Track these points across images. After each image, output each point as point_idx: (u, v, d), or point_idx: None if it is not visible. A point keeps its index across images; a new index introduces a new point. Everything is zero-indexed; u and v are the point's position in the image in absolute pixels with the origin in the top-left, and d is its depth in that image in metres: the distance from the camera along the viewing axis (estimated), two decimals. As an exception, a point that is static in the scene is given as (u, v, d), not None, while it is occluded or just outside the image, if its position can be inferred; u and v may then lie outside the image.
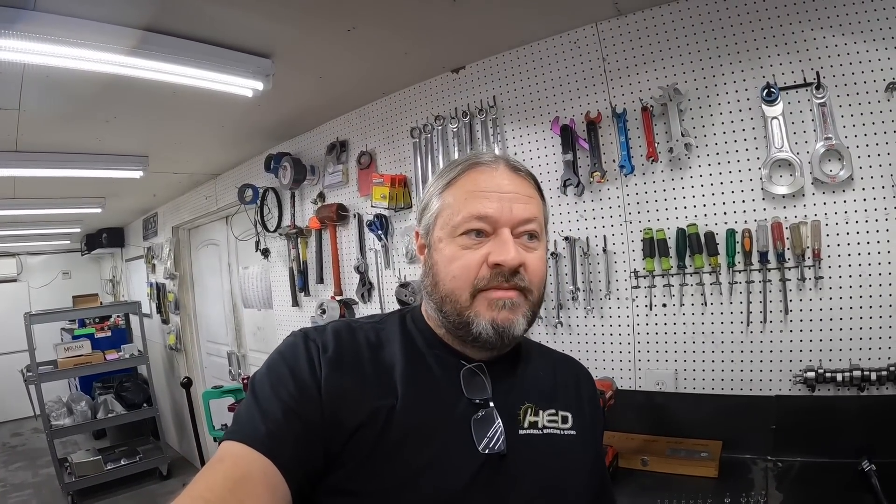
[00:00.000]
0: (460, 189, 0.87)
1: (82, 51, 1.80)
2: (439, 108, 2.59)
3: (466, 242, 0.84)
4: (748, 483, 1.61)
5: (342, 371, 0.81)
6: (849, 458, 1.59)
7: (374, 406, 0.79)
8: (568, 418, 0.92)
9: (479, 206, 0.84)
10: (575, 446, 0.91)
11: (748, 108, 1.81)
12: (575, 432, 0.91)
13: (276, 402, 0.76)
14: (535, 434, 0.87)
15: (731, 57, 1.84)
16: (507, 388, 0.88)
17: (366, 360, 0.85)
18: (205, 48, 2.00)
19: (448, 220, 0.86)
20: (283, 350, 0.85)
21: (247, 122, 3.10)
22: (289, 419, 0.74)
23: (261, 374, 0.82)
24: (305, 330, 0.88)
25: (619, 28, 2.04)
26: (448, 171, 0.91)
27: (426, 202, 0.92)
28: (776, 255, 1.76)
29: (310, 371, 0.80)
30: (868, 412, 1.62)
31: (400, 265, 2.84)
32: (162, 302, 5.51)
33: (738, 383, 1.86)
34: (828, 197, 1.70)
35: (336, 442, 0.75)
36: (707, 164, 1.90)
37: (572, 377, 1.01)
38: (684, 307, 1.95)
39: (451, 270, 0.85)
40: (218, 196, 4.36)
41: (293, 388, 0.77)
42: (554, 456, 0.87)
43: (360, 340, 0.87)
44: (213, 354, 5.05)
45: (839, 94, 1.67)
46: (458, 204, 0.86)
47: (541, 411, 0.89)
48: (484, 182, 0.86)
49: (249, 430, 0.73)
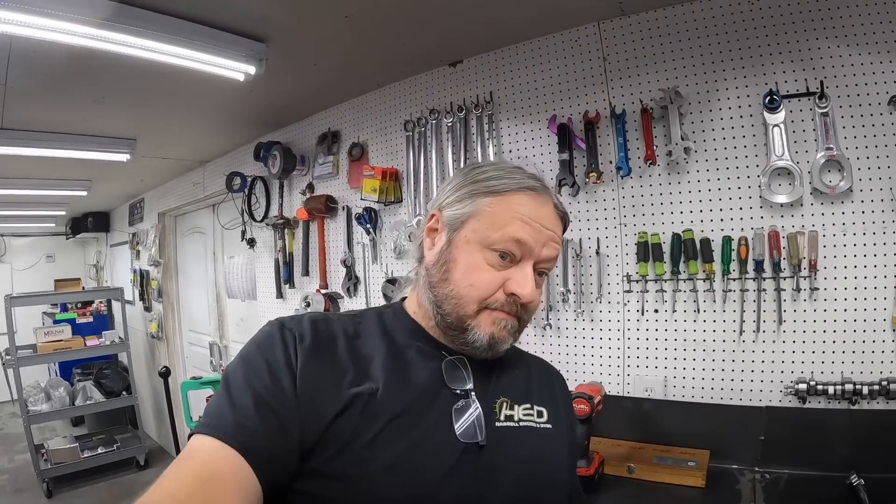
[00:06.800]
0: (509, 205, 0.86)
1: (64, 24, 1.74)
2: (434, 102, 2.55)
3: (494, 261, 0.85)
4: (735, 494, 1.59)
5: (319, 360, 0.80)
6: (838, 471, 1.58)
7: (354, 392, 0.77)
8: (543, 413, 0.92)
9: (522, 233, 0.84)
10: (552, 440, 0.91)
11: (749, 115, 1.79)
12: (551, 426, 0.92)
13: (249, 394, 0.74)
14: (511, 426, 0.87)
15: (735, 62, 1.81)
16: (485, 382, 0.89)
17: (343, 349, 0.84)
18: (198, 28, 1.94)
19: (485, 228, 0.86)
20: (258, 340, 0.83)
21: (238, 109, 3.04)
22: (262, 411, 0.72)
23: (234, 364, 0.80)
24: (282, 319, 0.86)
25: (622, 28, 2.01)
26: (497, 179, 0.89)
27: (459, 192, 0.90)
28: (772, 265, 1.74)
29: (285, 360, 0.78)
30: (858, 426, 1.61)
31: (387, 260, 2.79)
32: (145, 289, 5.44)
33: (728, 392, 1.84)
34: (826, 208, 1.68)
35: (313, 432, 0.74)
36: (705, 170, 1.87)
37: (546, 379, 1.03)
38: (676, 313, 1.93)
39: (470, 279, 0.85)
40: (206, 183, 4.30)
41: (267, 379, 0.75)
42: (532, 447, 0.88)
43: (338, 331, 0.86)
44: (194, 344, 4.99)
45: (842, 105, 1.65)
46: (502, 219, 0.85)
47: (516, 405, 0.90)
48: (534, 211, 0.86)
49: (220, 423, 0.71)
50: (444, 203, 0.91)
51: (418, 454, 0.77)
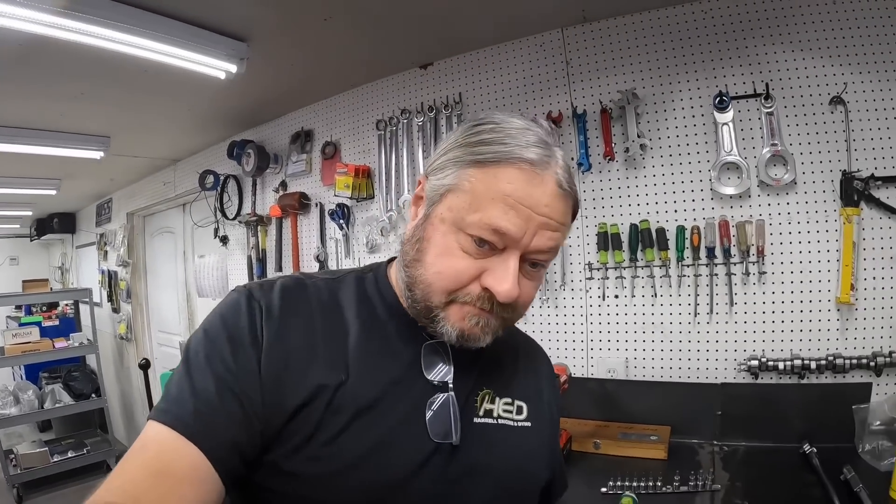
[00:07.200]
0: (494, 182, 0.70)
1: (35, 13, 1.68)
2: (406, 102, 2.63)
3: (469, 247, 0.71)
4: (696, 464, 1.70)
5: (287, 339, 0.72)
6: (790, 442, 1.71)
7: (319, 383, 0.71)
8: (523, 409, 0.86)
9: (502, 220, 0.69)
10: (529, 439, 0.85)
11: (701, 115, 1.93)
12: (530, 424, 0.86)
13: (209, 376, 0.68)
14: (489, 423, 0.81)
15: (688, 66, 1.95)
16: (467, 370, 0.81)
17: (316, 326, 0.76)
18: (181, 25, 1.95)
19: (462, 207, 0.72)
20: (222, 311, 0.75)
21: (213, 107, 3.06)
22: (223, 397, 0.67)
23: (197, 338, 0.72)
24: (250, 286, 0.78)
25: (584, 34, 2.13)
26: (489, 144, 0.73)
27: (446, 156, 0.76)
28: (722, 251, 1.88)
29: (251, 337, 0.71)
30: (808, 399, 1.75)
31: (360, 254, 2.86)
32: (113, 290, 5.36)
33: (685, 371, 1.97)
34: (772, 199, 1.83)
35: (275, 422, 0.69)
36: (660, 165, 2.01)
37: (532, 366, 0.96)
38: (635, 298, 2.05)
39: (439, 265, 0.73)
40: (177, 182, 4.28)
41: (230, 360, 0.69)
42: (507, 448, 0.82)
43: (312, 301, 0.78)
44: (164, 345, 4.94)
45: (786, 105, 1.80)
46: (480, 199, 0.71)
47: (497, 398, 0.84)
48: (524, 190, 0.70)
49: (178, 411, 0.66)
50: (431, 168, 0.78)
51: (383, 453, 0.71)
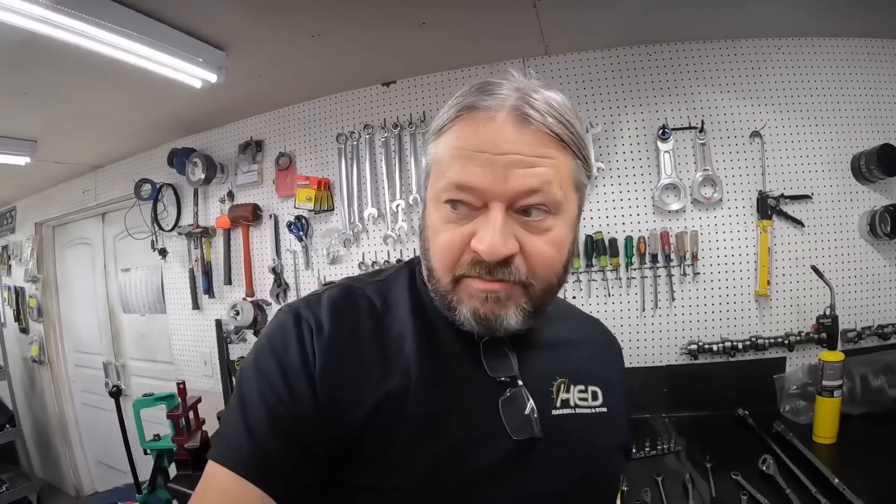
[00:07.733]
0: (448, 142, 0.69)
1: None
2: (368, 118, 2.70)
3: (449, 215, 0.68)
4: (654, 434, 2.02)
5: (341, 355, 0.69)
6: (726, 409, 2.10)
7: (383, 392, 0.67)
8: (598, 394, 0.80)
9: (462, 174, 0.65)
10: (607, 426, 0.81)
11: (646, 143, 2.28)
12: (606, 409, 0.80)
13: (263, 410, 0.65)
14: (567, 414, 0.77)
15: (636, 101, 2.29)
16: (534, 360, 0.77)
17: (371, 335, 0.72)
18: (160, 26, 1.79)
19: (433, 182, 0.71)
20: (270, 335, 0.71)
21: (160, 112, 2.88)
22: (279, 431, 0.65)
23: (248, 366, 0.70)
24: (297, 305, 0.74)
25: (545, 66, 2.38)
26: (445, 110, 0.71)
27: (429, 137, 0.75)
28: (664, 257, 2.24)
29: (302, 361, 0.67)
30: (737, 373, 2.16)
31: (320, 266, 2.90)
32: (21, 308, 4.84)
33: (636, 357, 2.30)
34: (703, 213, 2.22)
35: (341, 441, 0.66)
36: (612, 185, 2.33)
37: (600, 344, 0.91)
38: (591, 298, 2.35)
39: (433, 245, 0.71)
40: (98, 190, 3.97)
41: (283, 390, 0.66)
42: (588, 440, 0.77)
43: (363, 311, 0.74)
44: (82, 366, 4.56)
45: (715, 137, 2.20)
46: (441, 165, 0.69)
47: (572, 386, 0.79)
48: (472, 138, 0.66)
49: (235, 451, 0.64)
50: None
51: (461, 457, 0.68)
